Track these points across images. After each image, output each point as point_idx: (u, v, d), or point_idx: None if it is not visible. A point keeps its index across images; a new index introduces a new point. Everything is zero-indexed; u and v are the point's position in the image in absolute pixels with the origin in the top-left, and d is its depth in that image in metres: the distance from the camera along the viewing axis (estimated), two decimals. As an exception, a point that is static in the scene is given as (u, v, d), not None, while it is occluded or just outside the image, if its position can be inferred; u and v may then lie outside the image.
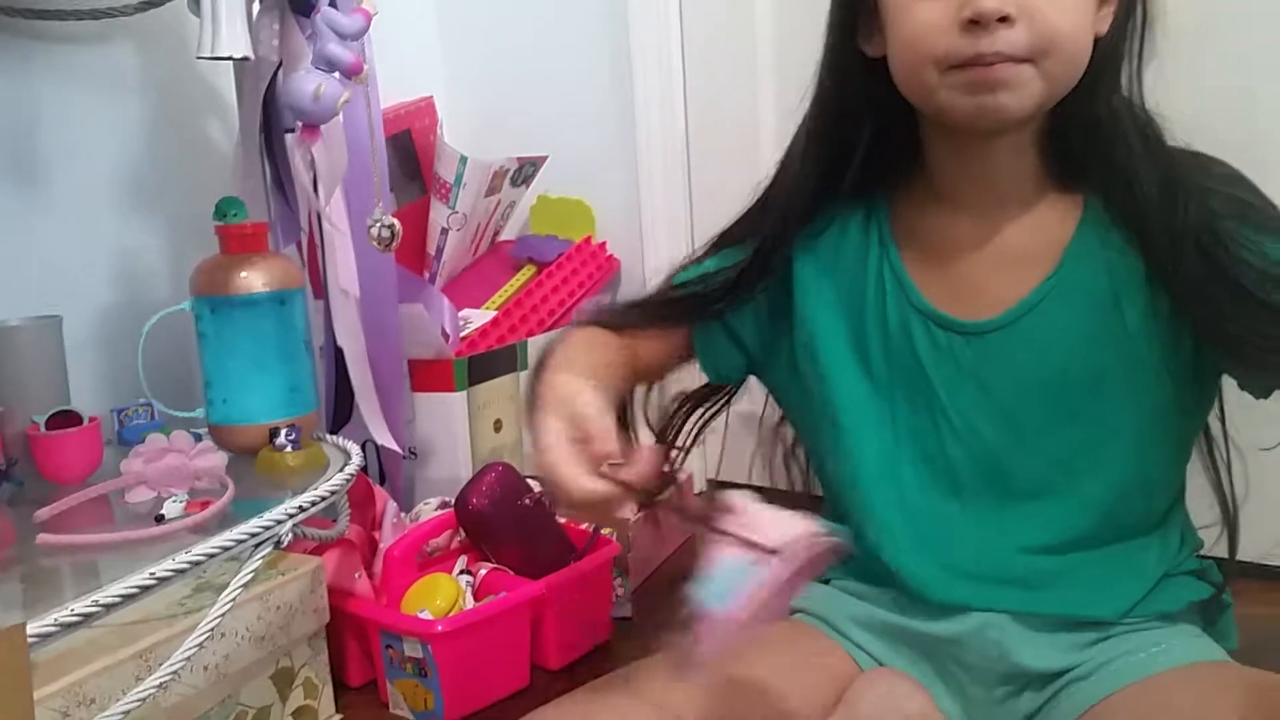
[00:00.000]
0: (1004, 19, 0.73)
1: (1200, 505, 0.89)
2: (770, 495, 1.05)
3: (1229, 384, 0.82)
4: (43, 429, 1.04)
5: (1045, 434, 0.83)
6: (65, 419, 1.06)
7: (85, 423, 1.07)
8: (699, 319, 0.95)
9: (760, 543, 0.66)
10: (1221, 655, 0.84)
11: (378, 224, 1.13)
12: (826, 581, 0.96)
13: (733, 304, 0.92)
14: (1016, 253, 0.83)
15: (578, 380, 0.75)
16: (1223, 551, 0.89)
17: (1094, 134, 0.80)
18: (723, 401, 1.04)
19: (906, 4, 0.77)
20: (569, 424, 0.70)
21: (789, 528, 0.67)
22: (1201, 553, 0.89)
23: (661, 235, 1.76)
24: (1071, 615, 0.83)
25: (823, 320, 0.90)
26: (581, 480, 0.67)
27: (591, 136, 1.80)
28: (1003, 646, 0.85)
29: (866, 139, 0.86)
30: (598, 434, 0.69)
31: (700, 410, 1.04)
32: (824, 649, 0.91)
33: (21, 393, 1.08)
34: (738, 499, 0.69)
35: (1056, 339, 0.81)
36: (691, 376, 1.00)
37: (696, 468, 1.76)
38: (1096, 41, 0.78)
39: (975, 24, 0.73)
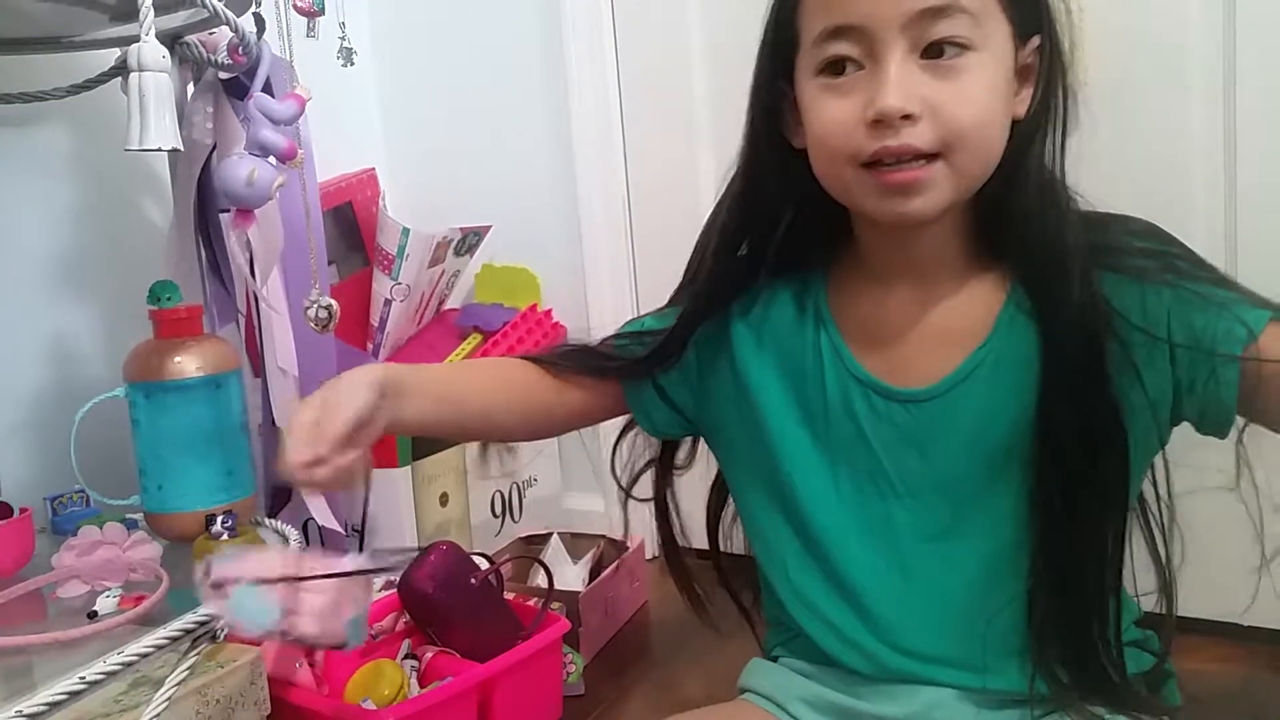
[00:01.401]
0: (907, 117, 0.74)
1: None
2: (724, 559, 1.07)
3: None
4: (-30, 524, 1.01)
5: (983, 501, 0.83)
6: (-5, 511, 1.03)
7: (16, 514, 1.04)
8: (625, 377, 0.96)
9: (296, 618, 0.76)
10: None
11: (315, 305, 1.12)
12: (774, 659, 0.96)
13: (656, 367, 0.94)
14: (947, 329, 0.84)
15: (367, 373, 0.82)
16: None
17: (1011, 214, 0.81)
18: (671, 462, 1.05)
19: (819, 101, 0.78)
20: (320, 406, 0.77)
21: (324, 625, 0.77)
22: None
23: (606, 301, 1.77)
24: (1017, 691, 0.83)
25: (766, 390, 0.91)
26: (293, 450, 0.75)
27: (535, 205, 1.82)
28: None
29: (790, 220, 0.87)
30: (329, 427, 0.76)
31: (660, 470, 1.05)
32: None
33: (-52, 486, 1.05)
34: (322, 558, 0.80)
35: (988, 406, 0.82)
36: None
37: (647, 533, 1.75)
38: (1015, 123, 0.79)
39: (880, 123, 0.74)
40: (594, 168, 1.76)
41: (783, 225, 0.87)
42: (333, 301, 1.13)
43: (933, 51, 0.74)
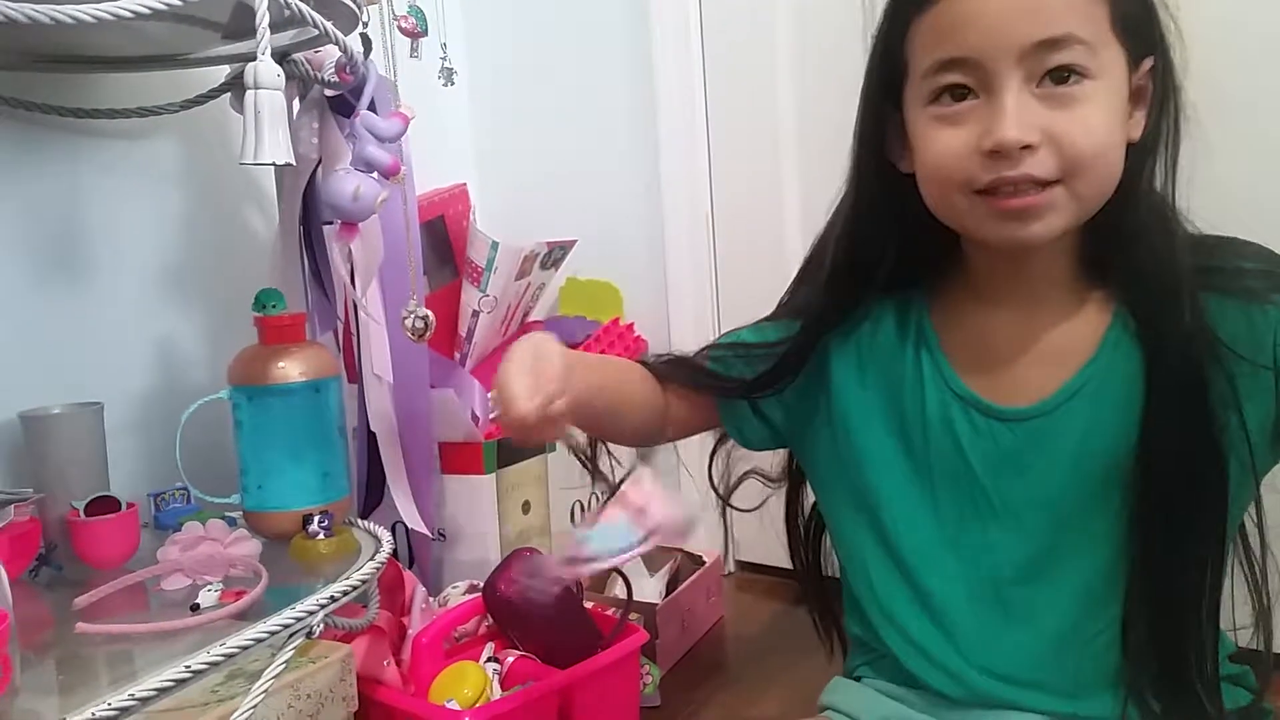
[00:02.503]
0: (1027, 147, 0.74)
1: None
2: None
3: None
4: (82, 515, 1.06)
5: (1081, 523, 0.83)
6: (104, 504, 1.08)
7: (124, 508, 1.09)
8: (721, 396, 0.97)
9: (647, 518, 0.80)
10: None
11: (412, 315, 1.16)
12: (857, 679, 0.96)
13: (768, 389, 0.94)
14: (1054, 348, 0.84)
15: (547, 336, 0.86)
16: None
17: (1121, 236, 0.81)
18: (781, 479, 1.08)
19: (931, 130, 0.79)
20: (531, 355, 0.80)
21: (670, 511, 0.81)
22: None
23: (688, 315, 1.79)
24: (1100, 716, 0.83)
25: (863, 409, 0.91)
26: (522, 397, 0.76)
27: (619, 220, 1.84)
28: None
29: (898, 242, 0.88)
30: (547, 369, 0.79)
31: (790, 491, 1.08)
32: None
33: (62, 479, 1.10)
34: (644, 472, 0.84)
35: (1091, 427, 0.81)
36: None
37: (724, 548, 1.76)
38: (1129, 146, 0.78)
39: (998, 153, 0.74)
40: (679, 184, 1.78)
41: (891, 247, 0.88)
42: (429, 312, 1.17)
43: (1049, 80, 0.74)
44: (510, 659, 1.19)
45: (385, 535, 1.14)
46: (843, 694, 0.95)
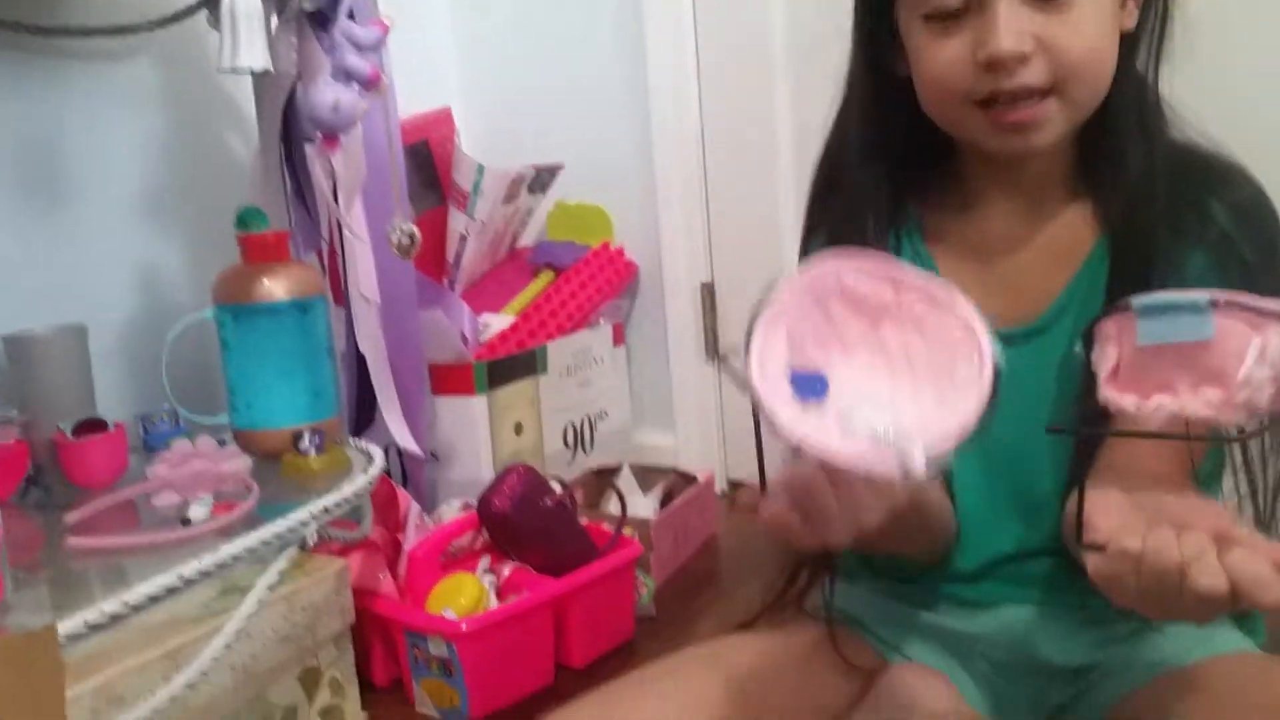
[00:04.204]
0: (1020, 57, 0.73)
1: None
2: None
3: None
4: (69, 436, 1.06)
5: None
6: (91, 426, 1.07)
7: (111, 429, 1.08)
8: None
9: None
10: (1254, 648, 0.83)
11: (397, 231, 1.14)
12: (852, 580, 0.96)
13: None
14: (1050, 250, 0.84)
15: None
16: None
17: (1108, 134, 0.81)
18: None
19: (925, 42, 0.78)
20: None
21: None
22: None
23: (679, 238, 1.77)
24: (1098, 614, 0.83)
25: None
26: None
27: (608, 143, 1.81)
28: (1030, 643, 0.85)
29: (896, 151, 0.87)
30: None
31: None
32: (849, 645, 0.91)
33: (48, 401, 1.10)
34: None
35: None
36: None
37: (718, 467, 1.77)
38: (1124, 37, 0.78)
39: (993, 64, 0.74)
40: (668, 105, 1.75)
41: (891, 154, 0.87)
42: (415, 227, 1.15)
43: None
44: (506, 571, 1.20)
45: (377, 452, 1.14)
46: (838, 596, 0.96)
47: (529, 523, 1.20)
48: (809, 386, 0.62)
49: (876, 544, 0.82)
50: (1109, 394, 0.62)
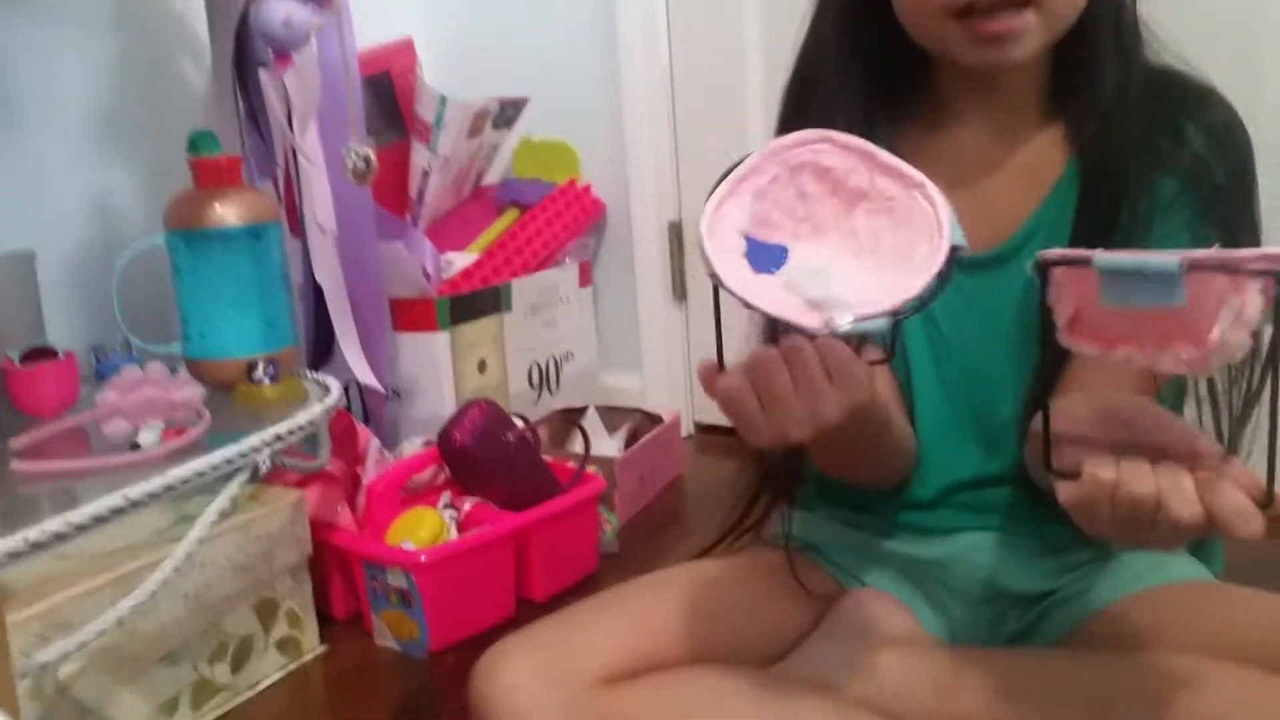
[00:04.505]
0: None
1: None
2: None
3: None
4: (17, 364, 1.03)
5: (1026, 360, 0.82)
6: (40, 354, 1.04)
7: (61, 358, 1.05)
8: None
9: None
10: (1209, 576, 0.84)
11: (353, 155, 1.11)
12: (811, 510, 0.96)
13: None
14: (1022, 171, 0.83)
15: None
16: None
17: (1082, 62, 0.80)
18: None
19: None
20: None
21: None
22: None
23: (647, 176, 1.75)
24: (1056, 542, 0.83)
25: None
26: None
27: (575, 77, 1.78)
28: (987, 570, 0.85)
29: (867, 69, 0.85)
30: None
31: None
32: (807, 572, 0.91)
33: (-5, 328, 1.07)
34: None
35: None
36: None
37: (683, 410, 1.76)
38: None
39: None
40: (636, 38, 1.71)
41: (862, 71, 0.85)
42: (370, 151, 1.12)
43: None
44: (467, 506, 1.19)
45: (334, 383, 1.12)
46: (796, 525, 0.95)
47: (490, 457, 1.18)
48: (766, 256, 0.62)
49: (835, 454, 0.83)
50: (1069, 340, 0.60)
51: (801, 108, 0.88)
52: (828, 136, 0.64)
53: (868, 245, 0.62)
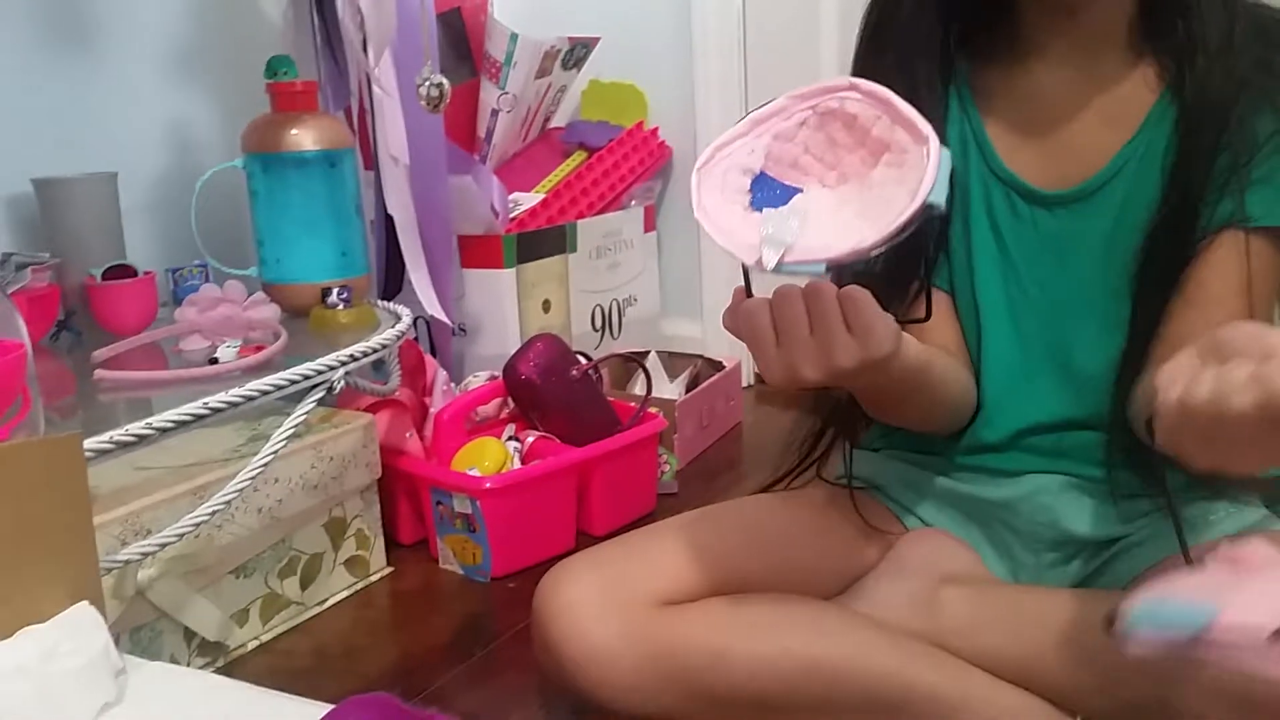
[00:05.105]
0: None
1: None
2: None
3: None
4: (99, 280, 1.05)
5: (1119, 306, 0.80)
6: (121, 272, 1.07)
7: (140, 276, 1.08)
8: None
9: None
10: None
11: (426, 83, 1.11)
12: (875, 449, 0.95)
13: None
14: (1105, 111, 0.80)
15: None
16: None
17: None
18: None
19: None
20: None
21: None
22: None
23: (715, 121, 1.73)
24: (1125, 487, 0.82)
25: None
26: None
27: (645, 19, 1.77)
28: (1054, 513, 0.84)
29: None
30: None
31: None
32: (869, 509, 0.91)
33: (79, 246, 1.09)
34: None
35: (1138, 202, 0.79)
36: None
37: (745, 360, 1.75)
38: None
39: None
40: (709, -19, 1.69)
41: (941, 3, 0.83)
42: (444, 79, 1.12)
43: None
44: (530, 438, 1.20)
45: (405, 311, 1.13)
46: (860, 464, 0.95)
47: (554, 391, 1.19)
48: (773, 194, 0.64)
49: (872, 400, 0.83)
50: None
51: (878, 46, 0.86)
52: (854, 84, 0.64)
53: (879, 197, 0.62)
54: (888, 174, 0.62)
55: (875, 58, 0.87)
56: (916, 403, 0.82)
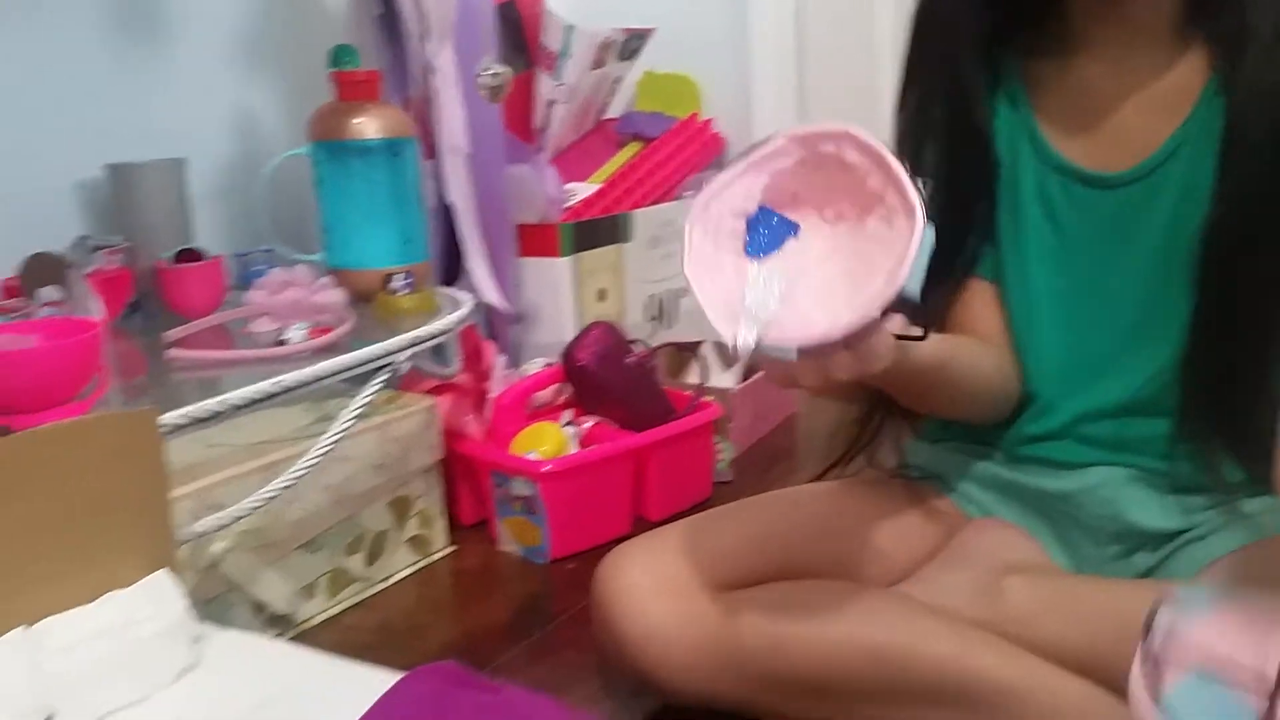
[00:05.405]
0: None
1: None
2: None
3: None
4: (170, 263, 1.08)
5: (1182, 290, 0.80)
6: (191, 255, 1.09)
7: (209, 260, 1.10)
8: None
9: None
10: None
11: (487, 72, 1.13)
12: (935, 440, 0.95)
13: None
14: (1156, 96, 0.80)
15: None
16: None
17: None
18: None
19: None
20: None
21: None
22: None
23: (770, 113, 1.73)
24: (1188, 480, 0.81)
25: None
26: None
27: (700, 10, 1.77)
28: (1116, 505, 0.83)
29: None
30: None
31: None
32: (930, 499, 0.90)
33: (149, 230, 1.12)
34: None
35: (1189, 190, 0.79)
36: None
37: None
38: None
39: None
40: (764, -29, 1.69)
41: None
42: (504, 68, 1.14)
43: None
44: (587, 424, 1.21)
45: (466, 296, 1.15)
46: (918, 454, 0.95)
47: (610, 377, 1.20)
48: (765, 231, 0.65)
49: (898, 392, 0.84)
50: None
51: (924, 34, 0.86)
52: (848, 132, 0.64)
53: (865, 254, 0.63)
54: (878, 229, 0.63)
55: (922, 46, 0.87)
56: (936, 396, 0.83)
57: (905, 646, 0.75)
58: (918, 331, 0.70)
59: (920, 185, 0.62)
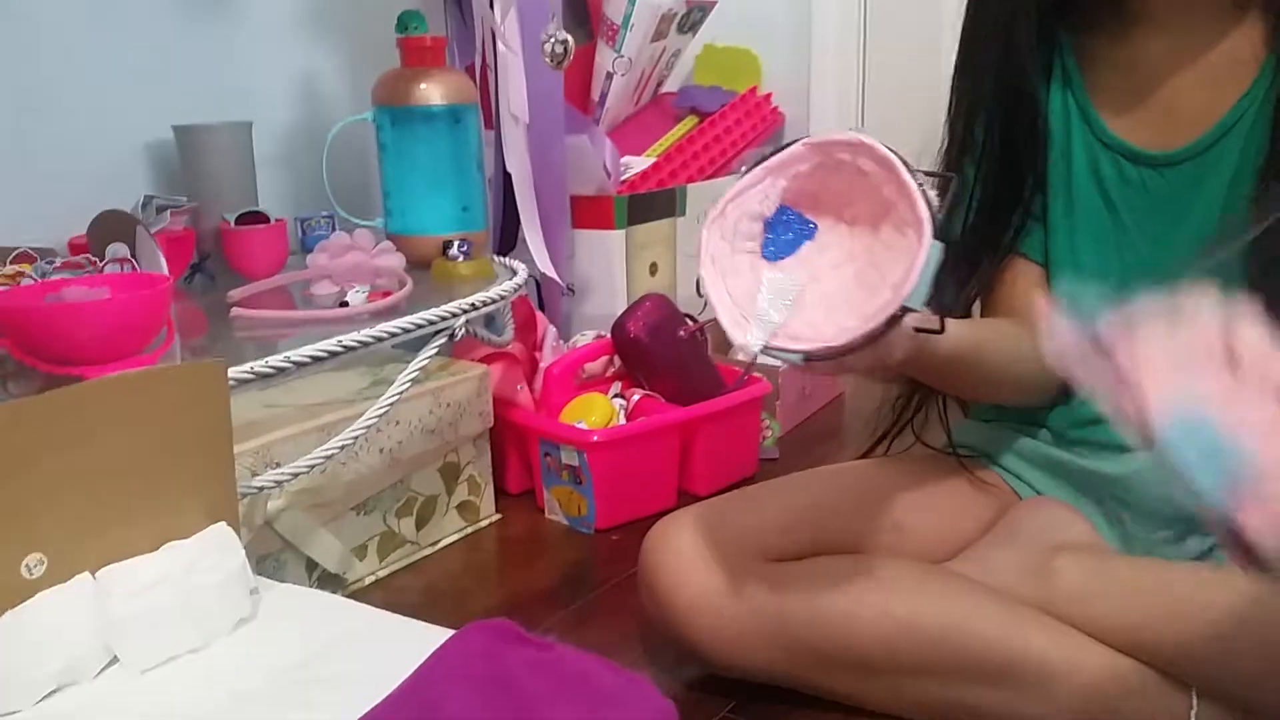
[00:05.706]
0: None
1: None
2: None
3: None
4: (233, 225, 1.10)
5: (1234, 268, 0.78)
6: (254, 217, 1.11)
7: (272, 222, 1.12)
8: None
9: None
10: None
11: (551, 39, 1.13)
12: (987, 420, 0.94)
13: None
14: (1211, 71, 0.79)
15: None
16: None
17: None
18: None
19: None
20: None
21: None
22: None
23: (830, 89, 1.72)
24: None
25: None
26: None
27: (762, -18, 1.76)
28: (1169, 490, 0.82)
29: None
30: None
31: None
32: (982, 477, 0.90)
33: (214, 191, 1.14)
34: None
35: (1242, 168, 0.77)
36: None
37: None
38: None
39: None
40: (829, -54, 1.67)
41: None
42: (569, 36, 1.14)
43: None
44: (636, 396, 1.21)
45: (521, 266, 1.15)
46: (969, 434, 0.94)
47: (660, 350, 1.21)
48: (785, 231, 0.66)
49: (922, 378, 0.85)
50: None
51: (982, 9, 0.85)
52: (864, 142, 0.64)
53: (878, 257, 0.64)
54: (893, 236, 0.64)
55: (978, 17, 0.86)
56: (963, 381, 0.84)
57: (950, 623, 0.75)
58: (935, 324, 0.70)
59: (931, 200, 0.61)
